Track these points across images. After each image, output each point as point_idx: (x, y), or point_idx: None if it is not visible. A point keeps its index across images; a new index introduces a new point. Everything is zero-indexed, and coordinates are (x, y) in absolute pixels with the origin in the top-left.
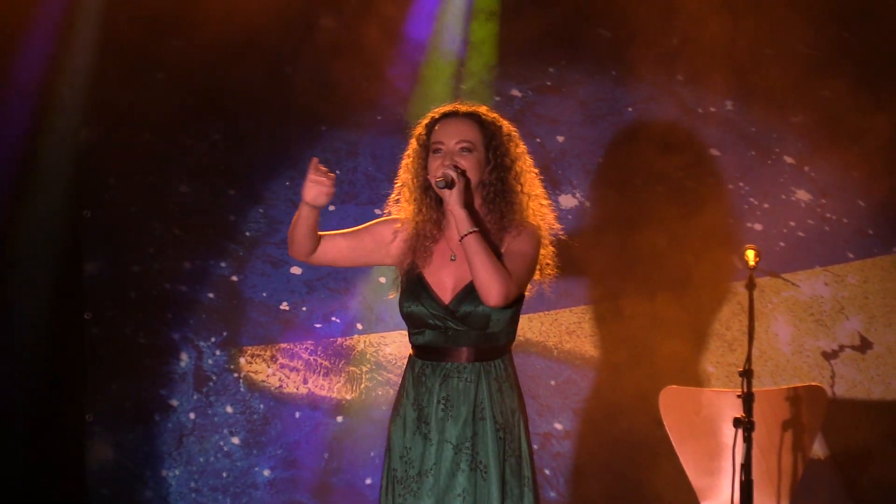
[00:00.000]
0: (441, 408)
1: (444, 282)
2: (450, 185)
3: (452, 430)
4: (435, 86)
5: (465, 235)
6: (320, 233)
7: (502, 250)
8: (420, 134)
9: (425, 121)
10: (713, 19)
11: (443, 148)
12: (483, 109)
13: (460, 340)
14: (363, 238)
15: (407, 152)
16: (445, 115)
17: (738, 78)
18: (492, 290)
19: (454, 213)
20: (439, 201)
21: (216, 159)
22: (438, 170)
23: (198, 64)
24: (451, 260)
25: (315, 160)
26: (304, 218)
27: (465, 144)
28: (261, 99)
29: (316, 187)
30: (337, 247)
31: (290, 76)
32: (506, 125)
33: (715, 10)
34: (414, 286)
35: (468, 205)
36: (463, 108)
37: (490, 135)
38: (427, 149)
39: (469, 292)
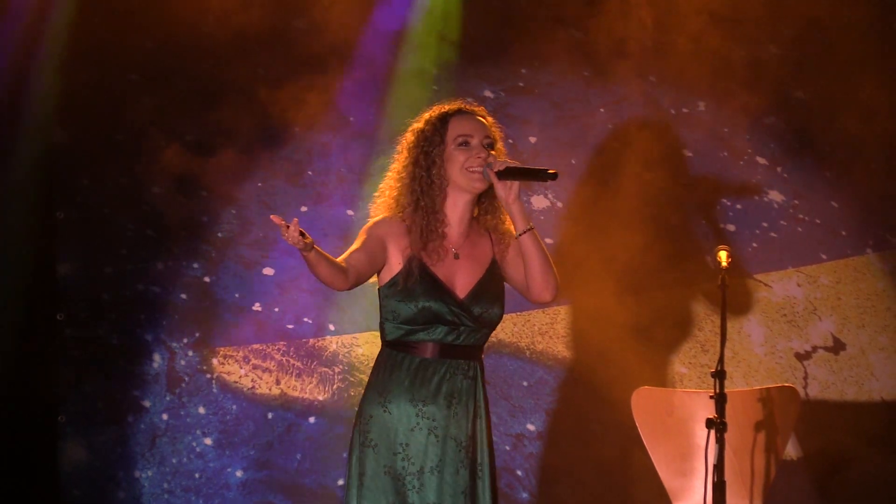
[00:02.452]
0: (447, 405)
1: (452, 280)
2: (552, 175)
3: (458, 427)
4: (407, 88)
5: (527, 231)
6: (341, 258)
7: (506, 253)
8: (433, 129)
9: (432, 115)
10: (686, 20)
11: (471, 141)
12: (484, 111)
13: (469, 338)
14: (369, 245)
15: (408, 148)
16: (460, 111)
17: (710, 79)
18: (549, 286)
19: (514, 207)
20: (445, 198)
21: (188, 160)
22: (476, 162)
23: (170, 66)
24: (455, 258)
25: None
26: (310, 262)
27: (489, 141)
28: (233, 100)
29: (291, 239)
30: (360, 263)
31: (263, 77)
32: (497, 130)
33: (688, 12)
34: (428, 281)
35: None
36: (468, 106)
37: (494, 136)
38: (444, 140)
39: (480, 292)
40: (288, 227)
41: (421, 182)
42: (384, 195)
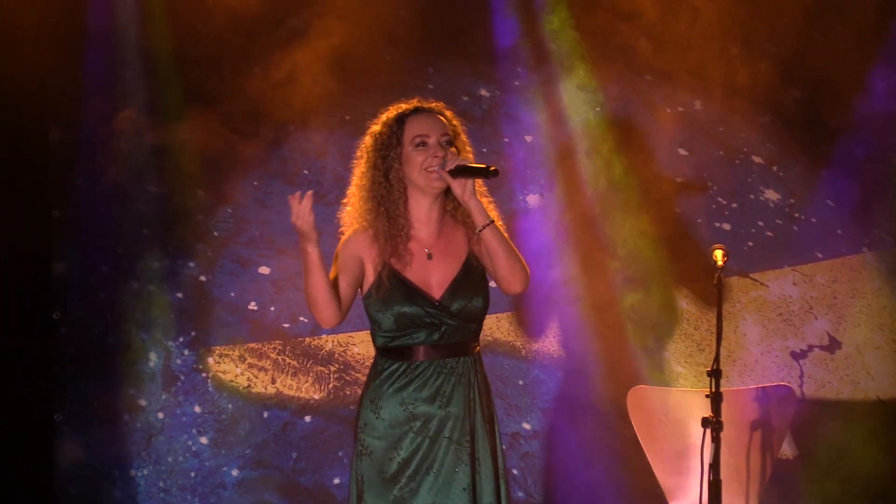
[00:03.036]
0: (438, 405)
1: (427, 281)
2: (493, 172)
3: (451, 426)
4: (406, 85)
5: (487, 225)
6: None
7: (479, 244)
8: (390, 130)
9: (389, 116)
10: (681, 20)
11: (429, 141)
12: (442, 106)
13: (455, 336)
14: (348, 266)
15: (366, 153)
16: (417, 111)
17: (706, 78)
18: (517, 278)
19: (471, 203)
20: (406, 200)
21: (184, 159)
22: (434, 161)
23: (165, 65)
24: (429, 258)
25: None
26: (310, 264)
27: (447, 138)
28: (228, 99)
29: (301, 216)
30: (346, 291)
31: (259, 76)
32: (458, 122)
33: (682, 11)
34: (400, 287)
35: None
36: (426, 104)
37: (454, 131)
38: (401, 142)
39: (457, 288)
40: (300, 201)
41: (380, 187)
42: (349, 203)
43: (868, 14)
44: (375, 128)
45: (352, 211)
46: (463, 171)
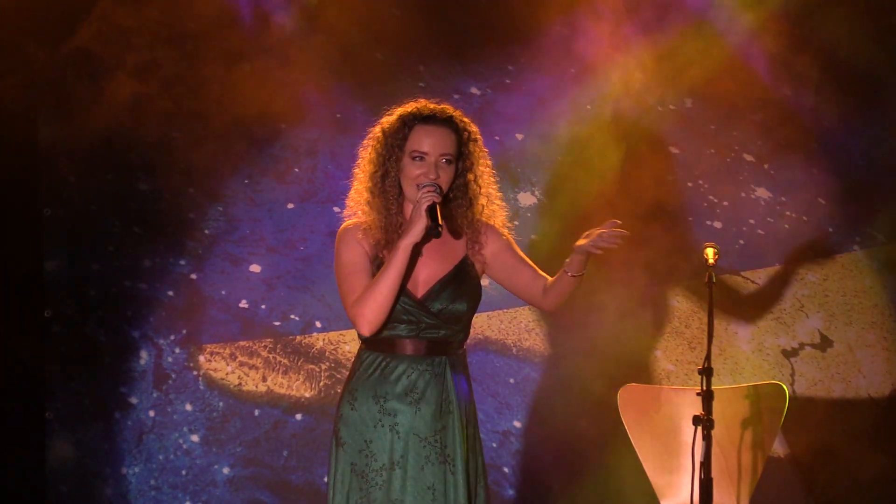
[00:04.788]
0: (409, 400)
1: (414, 277)
2: (434, 232)
3: (422, 423)
4: (397, 84)
5: (578, 276)
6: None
7: (482, 251)
8: (396, 131)
9: (402, 114)
10: (672, 17)
11: (427, 158)
12: (457, 114)
13: (431, 334)
14: (366, 262)
15: (373, 144)
16: (426, 119)
17: (697, 75)
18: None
19: (574, 276)
20: (402, 198)
21: (175, 157)
22: (423, 179)
23: (156, 62)
24: (419, 256)
25: None
26: (407, 259)
27: (448, 157)
28: (220, 97)
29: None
30: None
31: (249, 74)
32: (473, 129)
33: (673, 9)
34: None
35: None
36: (440, 112)
37: (462, 142)
38: (402, 148)
39: (442, 289)
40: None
41: (379, 181)
42: (355, 182)
43: (860, 11)
44: (387, 120)
45: (355, 195)
46: (431, 212)
